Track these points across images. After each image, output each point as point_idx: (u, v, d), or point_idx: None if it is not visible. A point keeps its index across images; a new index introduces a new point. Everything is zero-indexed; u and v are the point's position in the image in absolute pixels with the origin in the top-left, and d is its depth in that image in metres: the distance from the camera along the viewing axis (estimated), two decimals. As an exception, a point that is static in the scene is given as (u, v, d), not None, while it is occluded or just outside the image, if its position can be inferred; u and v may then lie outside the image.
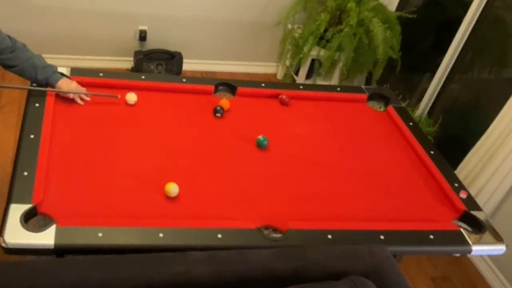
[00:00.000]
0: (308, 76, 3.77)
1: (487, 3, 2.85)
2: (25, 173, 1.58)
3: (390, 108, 2.33)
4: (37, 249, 1.40)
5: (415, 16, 3.32)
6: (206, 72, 3.87)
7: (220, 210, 1.65)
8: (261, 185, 1.79)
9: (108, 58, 3.66)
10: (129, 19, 3.50)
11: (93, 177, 1.66)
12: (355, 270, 1.38)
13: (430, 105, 3.30)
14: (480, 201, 2.41)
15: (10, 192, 1.51)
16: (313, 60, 3.61)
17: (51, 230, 1.42)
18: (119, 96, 2.03)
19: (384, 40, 3.23)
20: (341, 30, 3.34)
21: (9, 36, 1.86)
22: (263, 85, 2.30)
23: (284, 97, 2.24)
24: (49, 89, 1.91)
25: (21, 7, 3.26)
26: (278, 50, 3.91)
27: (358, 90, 2.44)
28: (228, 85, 2.26)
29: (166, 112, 2.05)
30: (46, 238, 1.40)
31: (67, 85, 1.93)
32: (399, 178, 1.96)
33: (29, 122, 1.79)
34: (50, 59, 2.03)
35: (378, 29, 3.20)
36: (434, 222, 1.76)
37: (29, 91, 1.92)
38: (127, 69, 3.72)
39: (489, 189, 2.52)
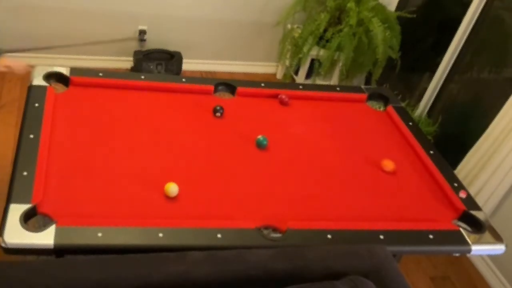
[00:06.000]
0: (307, 76, 3.76)
1: (486, 3, 2.86)
2: (25, 173, 1.57)
3: (390, 108, 2.33)
4: (37, 249, 1.40)
5: (415, 16, 3.32)
6: (205, 72, 3.87)
7: (219, 210, 1.65)
8: (261, 185, 1.79)
9: (108, 58, 3.66)
10: (128, 19, 3.49)
11: (93, 177, 1.66)
12: (355, 270, 1.38)
13: (429, 105, 3.30)
14: (479, 201, 2.42)
15: (9, 192, 1.51)
16: (312, 60, 3.61)
17: (51, 230, 1.42)
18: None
19: (384, 40, 3.24)
20: (340, 30, 3.34)
21: None
22: (262, 85, 2.30)
23: (283, 97, 2.24)
24: None
25: (21, 7, 3.26)
26: (278, 50, 3.91)
27: (357, 90, 2.44)
28: (228, 85, 2.26)
29: (166, 112, 2.05)
30: (46, 238, 1.40)
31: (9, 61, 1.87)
32: (399, 178, 1.96)
33: (28, 122, 1.79)
34: (50, 59, 2.04)
35: (377, 29, 3.20)
36: (433, 221, 1.76)
37: (29, 90, 1.93)
38: (127, 69, 3.71)
39: (488, 188, 2.52)
